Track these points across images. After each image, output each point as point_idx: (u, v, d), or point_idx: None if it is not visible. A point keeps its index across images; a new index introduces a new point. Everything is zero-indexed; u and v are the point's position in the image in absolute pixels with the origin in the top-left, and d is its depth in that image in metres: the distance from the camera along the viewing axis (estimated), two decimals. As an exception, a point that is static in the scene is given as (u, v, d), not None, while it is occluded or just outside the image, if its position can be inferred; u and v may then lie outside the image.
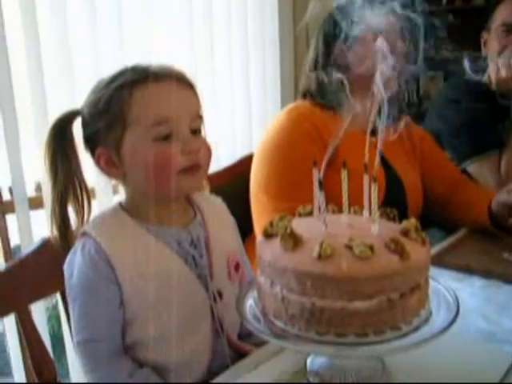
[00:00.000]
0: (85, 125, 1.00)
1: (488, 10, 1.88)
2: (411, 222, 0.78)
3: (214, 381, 0.92)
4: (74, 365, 1.80)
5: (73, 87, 1.71)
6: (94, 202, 1.06)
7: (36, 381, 1.12)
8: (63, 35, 1.66)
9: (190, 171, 0.97)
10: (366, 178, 0.77)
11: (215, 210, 1.12)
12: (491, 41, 1.83)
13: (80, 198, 1.01)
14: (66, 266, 1.00)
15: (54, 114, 1.03)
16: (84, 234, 0.99)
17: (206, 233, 1.06)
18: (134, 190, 1.01)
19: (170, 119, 0.95)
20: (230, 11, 2.22)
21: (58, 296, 1.21)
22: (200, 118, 1.01)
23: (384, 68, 1.46)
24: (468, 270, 1.27)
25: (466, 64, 1.96)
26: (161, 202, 1.00)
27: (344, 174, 0.81)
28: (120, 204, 1.04)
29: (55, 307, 2.19)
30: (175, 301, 0.98)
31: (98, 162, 1.00)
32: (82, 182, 1.01)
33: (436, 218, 1.67)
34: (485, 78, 1.78)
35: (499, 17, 1.80)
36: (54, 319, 2.22)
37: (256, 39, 2.34)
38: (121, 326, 0.98)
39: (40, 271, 1.14)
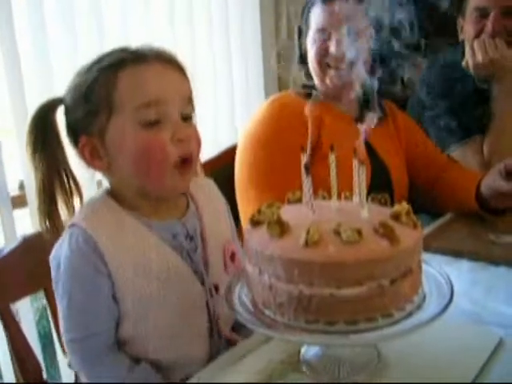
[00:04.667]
0: (67, 112, 0.95)
1: None
2: (402, 206, 0.76)
3: (201, 373, 0.90)
4: (66, 366, 1.77)
5: (51, 83, 1.68)
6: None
7: (21, 381, 1.10)
8: (40, 26, 1.62)
9: (184, 167, 0.92)
10: (354, 162, 0.75)
11: (208, 197, 1.08)
12: (466, 26, 1.83)
13: (68, 189, 0.95)
14: (52, 258, 0.95)
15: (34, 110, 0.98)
16: (73, 225, 0.93)
17: (200, 224, 1.02)
18: (121, 182, 0.96)
19: (158, 101, 0.89)
20: (210, 2, 2.19)
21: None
22: (191, 103, 0.96)
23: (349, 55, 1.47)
24: (456, 253, 1.27)
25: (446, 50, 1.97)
26: (151, 195, 0.96)
27: (332, 158, 0.79)
28: (108, 192, 0.98)
29: (46, 307, 2.16)
30: (172, 297, 0.95)
31: (81, 153, 0.94)
32: (68, 172, 0.96)
33: (422, 202, 1.66)
34: (463, 63, 1.78)
35: (472, 1, 1.80)
36: (44, 320, 2.19)
37: (237, 27, 2.31)
38: (115, 319, 0.94)
39: (21, 269, 1.11)
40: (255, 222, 0.79)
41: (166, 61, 0.94)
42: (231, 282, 0.86)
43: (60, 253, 0.93)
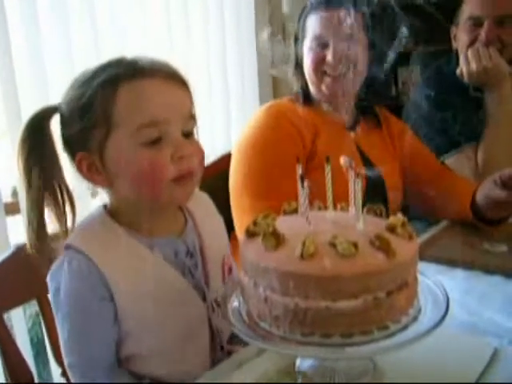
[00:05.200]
0: (64, 124, 0.91)
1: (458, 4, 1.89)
2: (398, 218, 0.76)
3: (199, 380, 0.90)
4: (58, 373, 1.76)
5: (46, 85, 1.67)
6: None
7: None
8: (34, 27, 1.61)
9: (182, 180, 0.90)
10: (350, 174, 0.75)
11: (205, 211, 1.06)
12: (460, 34, 1.84)
13: (61, 203, 0.92)
14: (50, 280, 0.92)
15: (28, 115, 0.95)
16: (71, 247, 0.90)
17: (199, 239, 1.01)
18: (120, 197, 0.94)
19: (160, 121, 0.87)
20: (207, 7, 2.19)
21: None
22: (193, 119, 0.93)
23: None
24: (450, 262, 1.27)
25: (440, 58, 1.99)
26: (151, 211, 0.94)
27: (327, 170, 0.78)
28: (106, 209, 0.96)
29: (39, 314, 2.14)
30: (174, 315, 0.94)
31: (79, 168, 0.91)
32: (62, 184, 0.92)
33: (416, 210, 1.67)
34: (457, 72, 1.78)
35: (466, 10, 1.81)
36: (37, 326, 2.18)
37: (232, 35, 2.32)
38: (115, 342, 0.93)
39: (14, 279, 1.11)
40: (250, 234, 0.79)
41: (169, 76, 0.91)
42: (226, 293, 0.86)
43: (59, 276, 0.90)
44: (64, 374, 1.16)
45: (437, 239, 1.44)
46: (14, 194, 1.67)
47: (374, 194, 1.48)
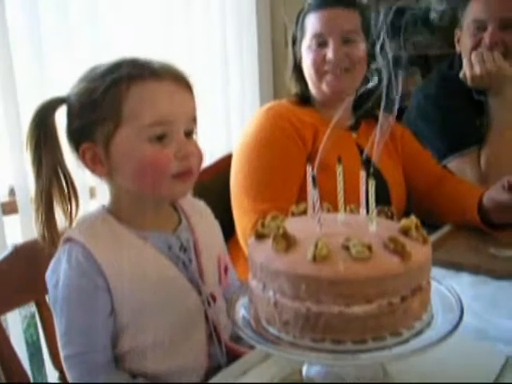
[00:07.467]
0: (71, 115, 0.94)
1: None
2: (411, 220, 0.74)
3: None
4: (52, 374, 1.74)
5: (45, 88, 1.65)
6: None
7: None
8: (34, 28, 1.60)
9: (183, 177, 0.94)
10: (362, 175, 0.72)
11: (200, 214, 1.09)
12: (464, 38, 1.84)
13: (67, 195, 0.94)
14: (49, 275, 0.94)
15: (26, 117, 0.96)
16: (69, 239, 0.93)
17: (193, 237, 1.03)
18: (120, 189, 0.96)
19: (166, 121, 0.91)
20: (208, 7, 2.18)
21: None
22: (195, 120, 0.98)
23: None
24: (456, 266, 1.25)
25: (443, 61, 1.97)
26: (147, 205, 0.97)
27: (339, 170, 0.76)
28: (105, 207, 0.99)
29: (34, 315, 2.12)
30: (169, 307, 0.95)
31: (83, 158, 0.94)
32: (66, 173, 0.95)
33: (419, 214, 1.64)
34: (460, 75, 1.77)
35: (470, 14, 1.81)
36: (32, 328, 2.16)
37: (234, 37, 2.31)
38: (112, 336, 0.94)
39: (12, 280, 1.08)
40: (259, 236, 0.76)
41: (178, 79, 0.95)
42: (233, 296, 0.84)
43: (58, 270, 0.92)
44: (61, 378, 1.13)
45: (441, 243, 1.42)
46: (11, 193, 1.65)
47: (378, 196, 1.46)
